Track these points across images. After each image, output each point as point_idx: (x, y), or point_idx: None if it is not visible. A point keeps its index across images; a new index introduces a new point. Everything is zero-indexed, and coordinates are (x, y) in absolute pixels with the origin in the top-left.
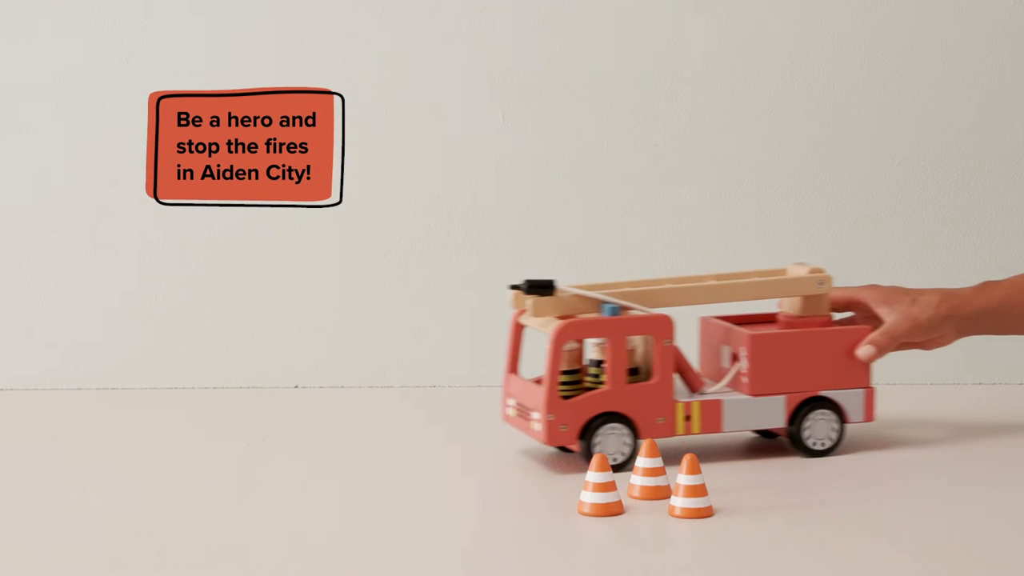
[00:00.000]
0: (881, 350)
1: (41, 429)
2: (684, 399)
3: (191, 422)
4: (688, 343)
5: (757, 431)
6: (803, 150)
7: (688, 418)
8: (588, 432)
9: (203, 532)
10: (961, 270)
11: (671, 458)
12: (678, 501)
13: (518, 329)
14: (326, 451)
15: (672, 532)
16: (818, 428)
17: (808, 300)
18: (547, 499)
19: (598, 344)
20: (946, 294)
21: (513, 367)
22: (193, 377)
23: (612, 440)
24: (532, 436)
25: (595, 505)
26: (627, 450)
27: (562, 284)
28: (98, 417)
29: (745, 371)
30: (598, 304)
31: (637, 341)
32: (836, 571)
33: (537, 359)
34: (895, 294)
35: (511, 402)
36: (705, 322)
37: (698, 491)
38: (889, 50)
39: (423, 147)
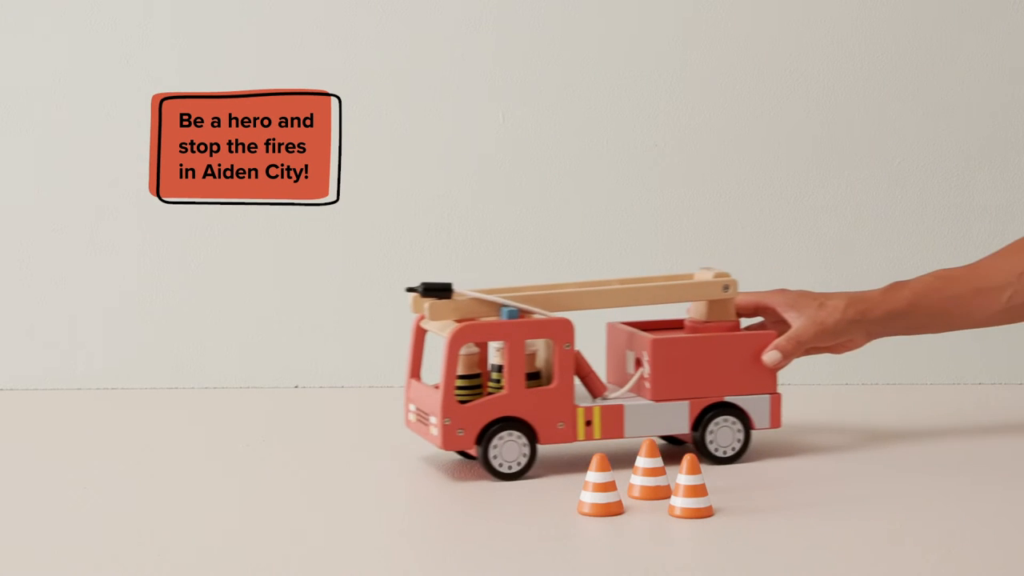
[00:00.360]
0: (787, 356)
1: (41, 429)
2: (585, 404)
3: (191, 422)
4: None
5: (663, 437)
6: (803, 150)
7: (589, 423)
8: (486, 437)
9: (203, 532)
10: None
11: (669, 459)
12: (678, 501)
13: (420, 334)
14: (326, 451)
15: (672, 532)
16: (722, 435)
17: (714, 305)
18: (547, 499)
19: (500, 349)
20: (853, 298)
21: (415, 372)
22: (193, 377)
23: (510, 445)
24: (430, 441)
25: (595, 505)
26: (526, 453)
27: (460, 287)
28: (98, 417)
29: (648, 376)
30: (498, 308)
31: (539, 345)
32: (836, 571)
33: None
34: (802, 299)
35: (412, 407)
36: (611, 327)
37: (698, 491)
38: (889, 50)
39: (423, 147)
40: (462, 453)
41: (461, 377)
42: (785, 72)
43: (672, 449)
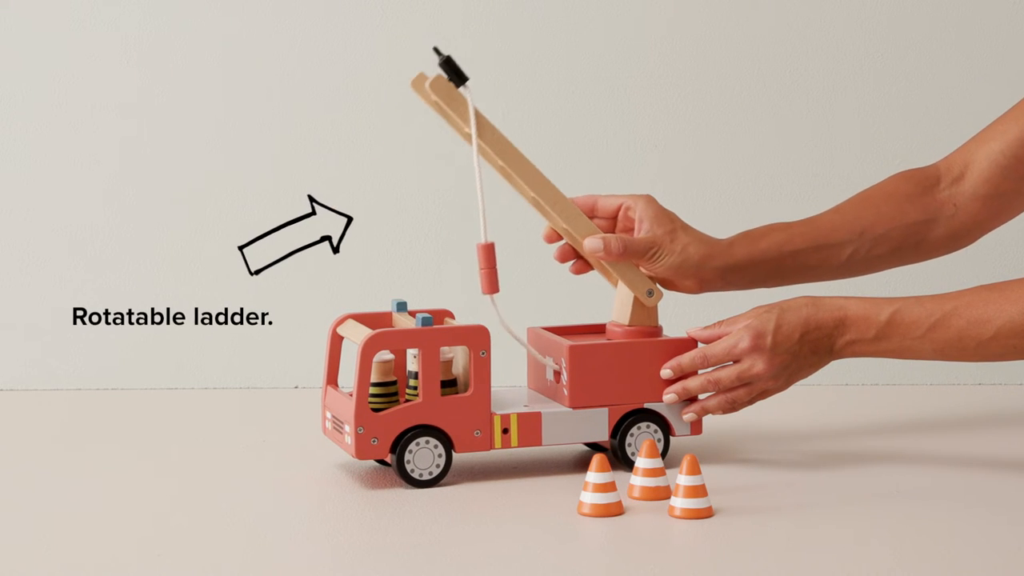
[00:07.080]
0: (609, 252)
1: (41, 429)
2: (502, 412)
3: (191, 422)
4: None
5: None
6: (803, 150)
7: (506, 431)
8: (400, 445)
9: (203, 532)
10: (961, 270)
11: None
12: (678, 502)
13: (336, 340)
14: (325, 451)
15: (672, 532)
16: (642, 441)
17: (636, 310)
18: (547, 499)
19: (417, 356)
20: (703, 241)
21: (332, 379)
22: (193, 377)
23: (424, 454)
24: (345, 450)
25: (595, 505)
26: (441, 463)
27: None
28: (98, 417)
29: (566, 383)
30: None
31: (458, 352)
32: (836, 571)
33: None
34: (663, 217)
35: (329, 415)
36: (532, 332)
37: (698, 491)
38: (889, 50)
39: (422, 147)
40: (379, 460)
41: (376, 384)
42: (785, 72)
43: (673, 451)
